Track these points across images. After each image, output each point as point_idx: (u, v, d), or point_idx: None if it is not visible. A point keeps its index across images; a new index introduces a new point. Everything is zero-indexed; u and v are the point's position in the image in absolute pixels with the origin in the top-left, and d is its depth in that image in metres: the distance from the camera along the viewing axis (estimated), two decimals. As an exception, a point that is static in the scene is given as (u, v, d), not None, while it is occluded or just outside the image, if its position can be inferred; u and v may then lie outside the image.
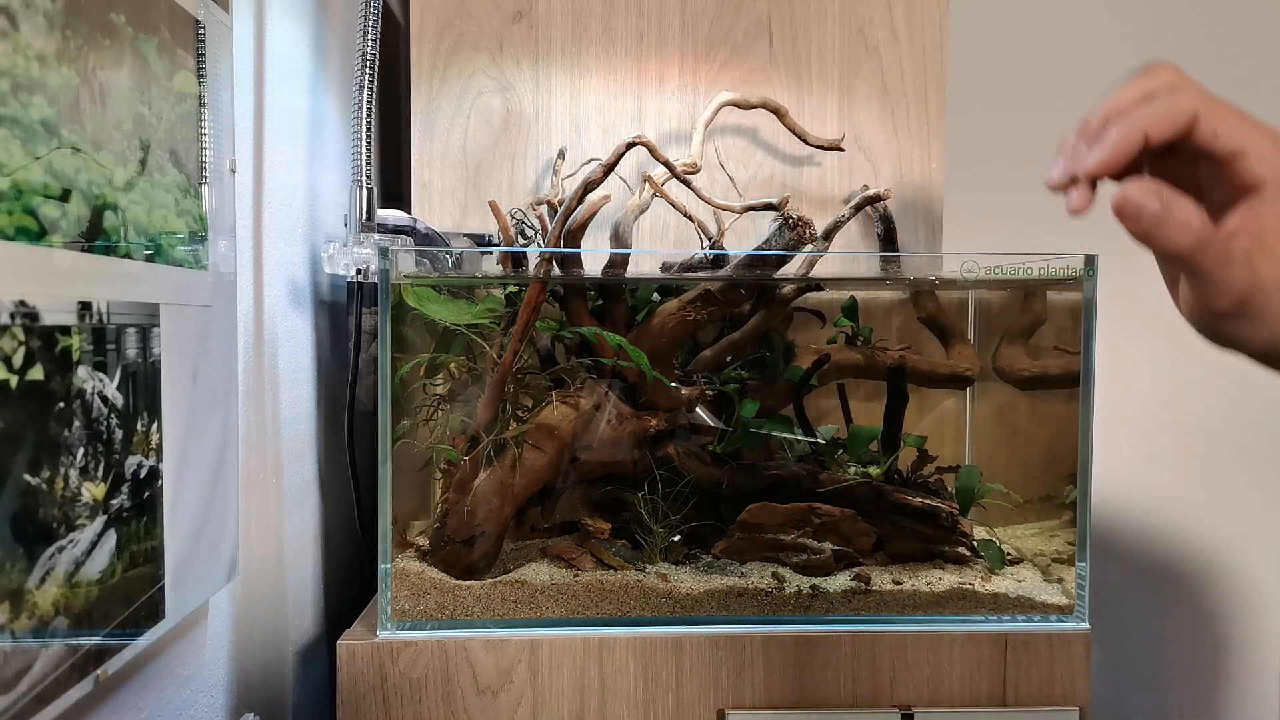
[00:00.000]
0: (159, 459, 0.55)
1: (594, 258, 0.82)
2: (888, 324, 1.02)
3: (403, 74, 1.03)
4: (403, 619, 0.77)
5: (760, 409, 0.89)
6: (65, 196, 0.45)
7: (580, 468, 0.86)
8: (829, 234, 0.88)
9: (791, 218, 0.78)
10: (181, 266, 0.58)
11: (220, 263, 0.64)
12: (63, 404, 0.45)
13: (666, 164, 0.83)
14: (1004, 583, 0.83)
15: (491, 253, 0.89)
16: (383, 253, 0.76)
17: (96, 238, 0.48)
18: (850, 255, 1.00)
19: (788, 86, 1.02)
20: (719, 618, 0.79)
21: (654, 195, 0.90)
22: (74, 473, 0.46)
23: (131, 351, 0.52)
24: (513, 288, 0.87)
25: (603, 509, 0.88)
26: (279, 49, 0.79)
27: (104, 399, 0.49)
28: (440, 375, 0.88)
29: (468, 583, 0.79)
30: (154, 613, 0.55)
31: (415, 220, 0.88)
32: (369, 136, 0.84)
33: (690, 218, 0.93)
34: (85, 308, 0.47)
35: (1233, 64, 1.24)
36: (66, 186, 0.45)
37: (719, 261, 0.83)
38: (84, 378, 0.47)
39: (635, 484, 0.86)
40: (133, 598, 0.53)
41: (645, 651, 0.76)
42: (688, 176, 0.85)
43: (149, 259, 0.54)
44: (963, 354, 0.98)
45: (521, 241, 0.94)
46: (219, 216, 0.64)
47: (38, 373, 0.43)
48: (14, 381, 0.41)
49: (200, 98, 0.61)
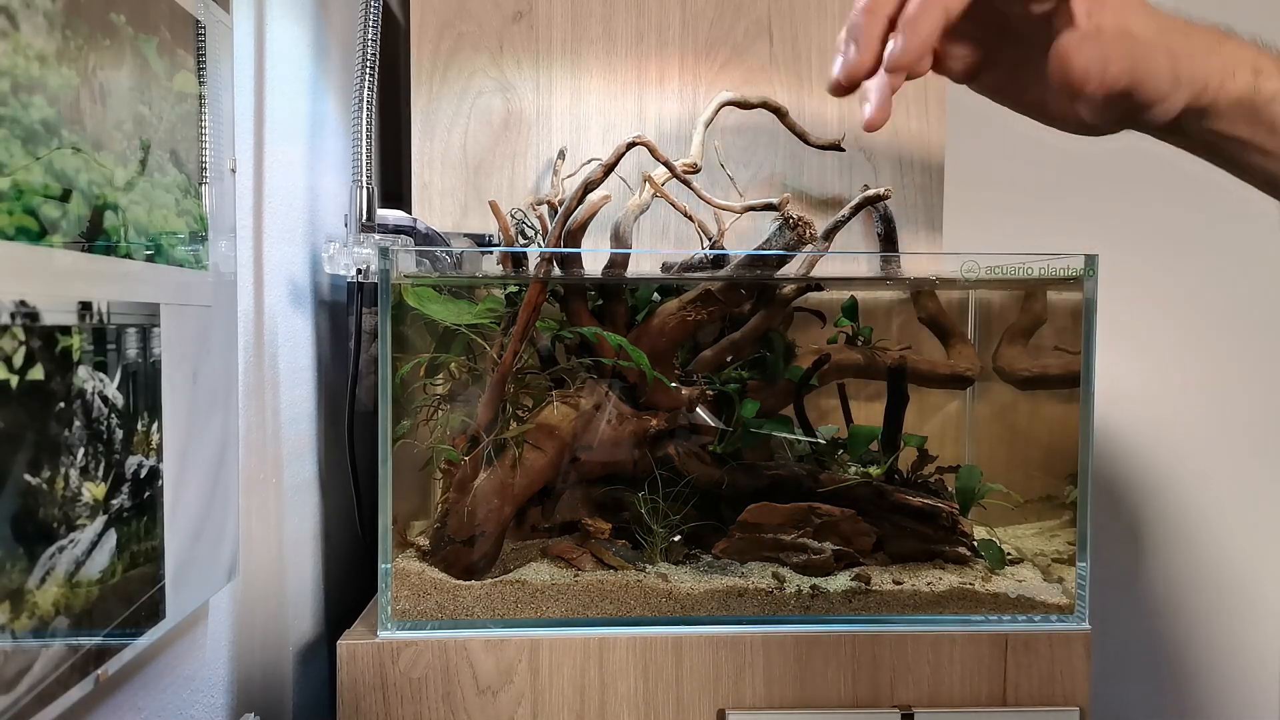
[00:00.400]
0: (159, 459, 0.55)
1: (594, 258, 0.82)
2: (888, 324, 1.02)
3: (403, 74, 1.03)
4: (403, 619, 0.77)
5: (760, 409, 0.89)
6: (65, 196, 0.45)
7: (580, 468, 0.86)
8: (829, 234, 0.88)
9: (791, 218, 0.78)
10: (182, 266, 0.58)
11: (220, 263, 0.64)
12: (63, 404, 0.45)
13: (667, 164, 0.83)
14: (1004, 583, 0.83)
15: (491, 253, 0.89)
16: (383, 253, 0.76)
17: (97, 238, 0.48)
18: (850, 255, 1.00)
19: (788, 86, 1.02)
20: (719, 618, 0.79)
21: (654, 195, 0.90)
22: (74, 473, 0.46)
23: (132, 351, 0.52)
24: (513, 288, 0.87)
25: (603, 509, 0.88)
26: (279, 49, 0.79)
27: (104, 399, 0.49)
28: (440, 375, 0.88)
29: (468, 583, 0.79)
30: (154, 613, 0.55)
31: (415, 220, 0.88)
32: (369, 136, 0.84)
33: (690, 218, 0.93)
34: (85, 308, 0.47)
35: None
36: (67, 186, 0.45)
37: (719, 261, 0.83)
38: (84, 378, 0.47)
39: (635, 484, 0.86)
40: (133, 598, 0.53)
41: (645, 651, 0.76)
42: (688, 176, 0.85)
43: (149, 259, 0.54)
44: (963, 354, 0.98)
45: (521, 241, 0.94)
46: (219, 216, 0.64)
47: (38, 373, 0.43)
48: (14, 381, 0.41)
49: (200, 98, 0.61)
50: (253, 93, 0.73)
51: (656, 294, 0.90)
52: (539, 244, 0.94)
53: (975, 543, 0.88)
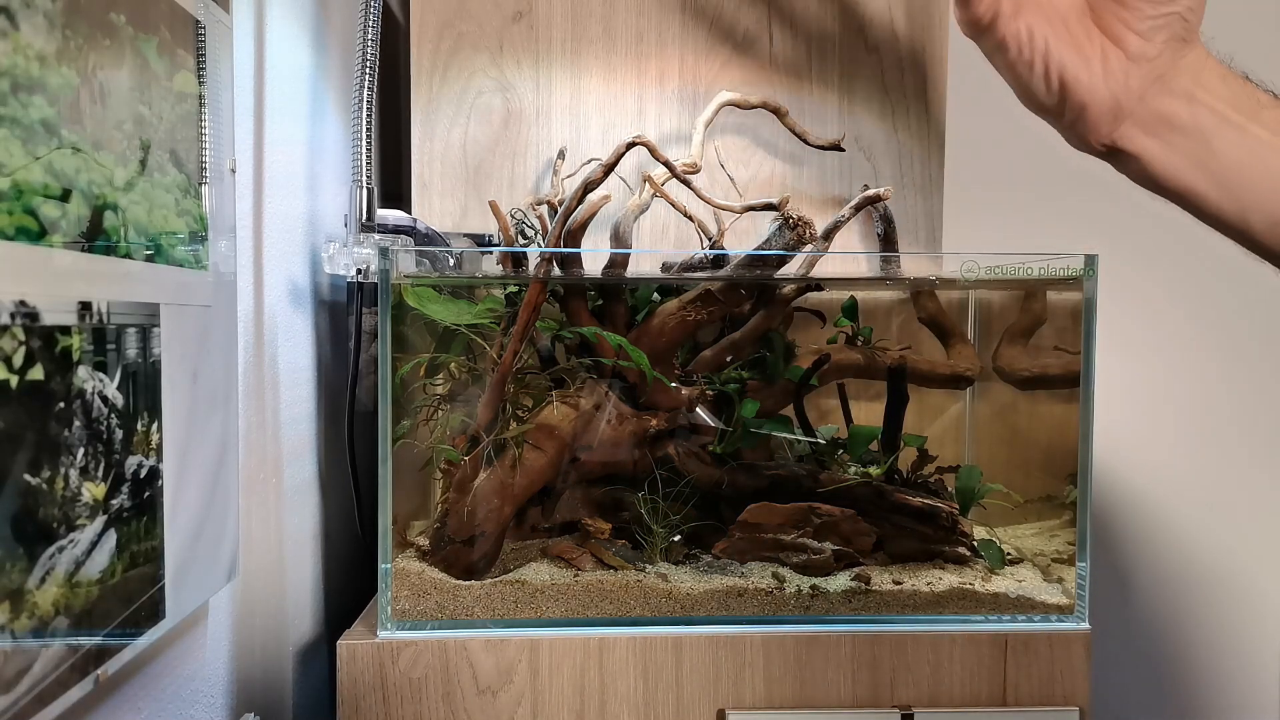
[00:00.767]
0: (159, 459, 0.55)
1: (594, 258, 0.82)
2: (888, 324, 1.02)
3: (403, 74, 1.03)
4: (403, 619, 0.77)
5: (760, 409, 0.89)
6: (65, 196, 0.45)
7: (580, 468, 0.86)
8: (829, 234, 0.88)
9: (791, 218, 0.78)
10: (181, 266, 0.58)
11: (220, 263, 0.64)
12: (63, 404, 0.45)
13: (666, 164, 0.83)
14: (1004, 583, 0.83)
15: (491, 253, 0.89)
16: (383, 253, 0.76)
17: (96, 238, 0.48)
18: (850, 255, 1.00)
19: (788, 86, 1.02)
20: (719, 618, 0.79)
21: (654, 195, 0.90)
22: (74, 473, 0.46)
23: (131, 351, 0.52)
24: (513, 288, 0.87)
25: (603, 509, 0.88)
26: (279, 49, 0.79)
27: (104, 399, 0.49)
28: (440, 375, 0.88)
29: (468, 583, 0.79)
30: (154, 613, 0.55)
31: (415, 220, 0.88)
32: (369, 136, 0.84)
33: (690, 218, 0.93)
34: (85, 308, 0.47)
35: (1233, 63, 1.24)
36: (66, 186, 0.45)
37: (719, 261, 0.83)
38: (84, 378, 0.47)
39: (635, 484, 0.86)
40: (133, 598, 0.53)
41: (645, 651, 0.76)
42: (688, 176, 0.85)
43: (149, 259, 0.54)
44: (963, 354, 0.98)
45: (521, 241, 0.94)
46: (219, 216, 0.64)
47: (38, 373, 0.43)
48: (14, 381, 0.41)
49: (200, 98, 0.61)
50: (253, 93, 0.73)
51: (656, 294, 0.90)
52: (539, 244, 0.94)
53: (975, 543, 0.88)
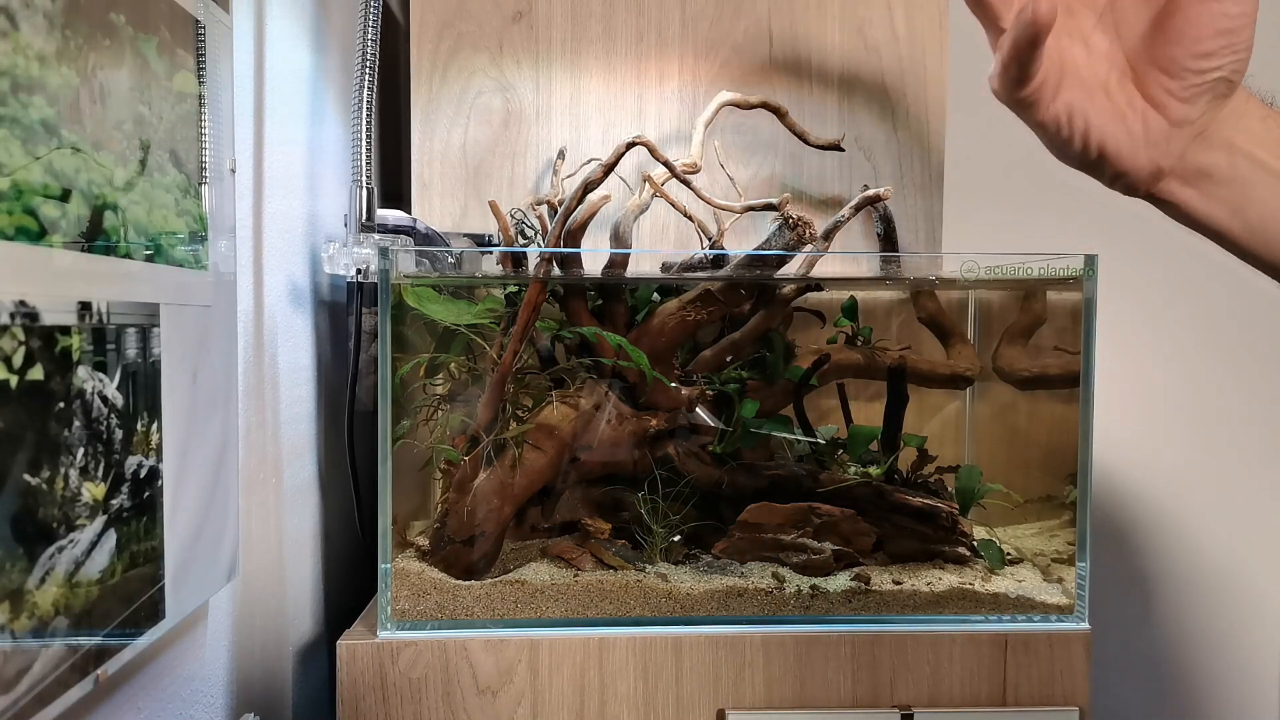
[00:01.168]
0: (159, 459, 0.55)
1: (594, 258, 0.82)
2: (888, 324, 1.02)
3: (403, 74, 1.03)
4: (403, 619, 0.77)
5: (760, 409, 0.89)
6: (65, 196, 0.45)
7: (580, 468, 0.86)
8: (829, 234, 0.88)
9: (791, 218, 0.78)
10: (181, 266, 0.58)
11: (220, 263, 0.64)
12: (63, 404, 0.45)
13: (666, 164, 0.83)
14: (1004, 583, 0.83)
15: (491, 253, 0.89)
16: (383, 253, 0.76)
17: (96, 238, 0.48)
18: (850, 255, 1.00)
19: (788, 86, 1.02)
20: (719, 618, 0.79)
21: (654, 195, 0.90)
22: (74, 473, 0.46)
23: (131, 351, 0.52)
24: (513, 288, 0.87)
25: (603, 509, 0.88)
26: (279, 49, 0.79)
27: (104, 399, 0.49)
28: (440, 375, 0.88)
29: (468, 583, 0.79)
30: (154, 613, 0.55)
31: (415, 220, 0.88)
32: (369, 136, 0.84)
33: (690, 218, 0.93)
34: (85, 308, 0.47)
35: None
36: (66, 186, 0.45)
37: (719, 261, 0.83)
38: (84, 378, 0.47)
39: (635, 484, 0.86)
40: (133, 598, 0.53)
41: (645, 651, 0.76)
42: (688, 176, 0.85)
43: (149, 259, 0.54)
44: (963, 354, 0.98)
45: (521, 241, 0.94)
46: (219, 216, 0.64)
47: (38, 373, 0.43)
48: (14, 381, 0.41)
49: (200, 98, 0.61)
50: (252, 92, 0.73)
51: (656, 294, 0.90)
52: (539, 244, 0.94)
53: (975, 543, 0.88)
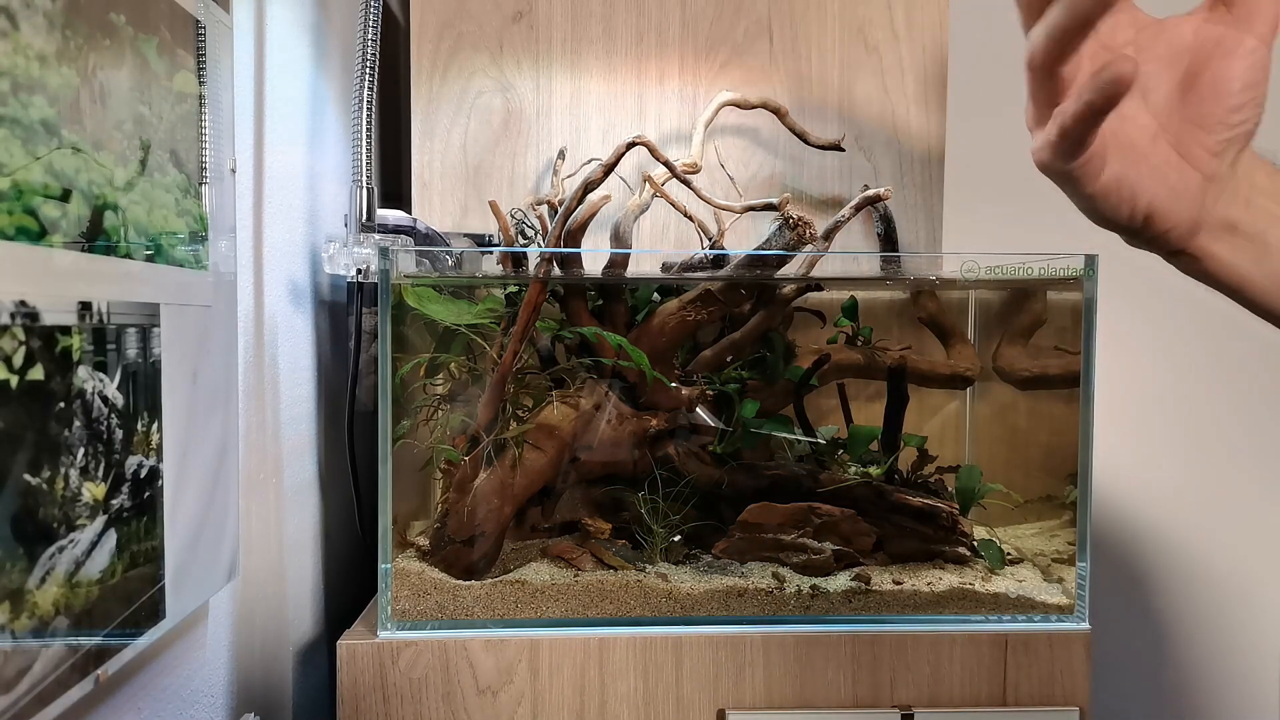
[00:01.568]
0: (159, 459, 0.55)
1: (594, 258, 0.82)
2: (888, 324, 1.02)
3: (403, 74, 1.03)
4: (403, 619, 0.77)
5: (760, 409, 0.89)
6: (65, 196, 0.45)
7: (580, 468, 0.86)
8: (829, 234, 0.88)
9: (791, 218, 0.78)
10: (182, 266, 0.58)
11: (220, 263, 0.64)
12: (63, 404, 0.45)
13: (667, 164, 0.83)
14: (1004, 583, 0.83)
15: (491, 253, 0.89)
16: (383, 253, 0.76)
17: (97, 238, 0.48)
18: (850, 255, 1.00)
19: (788, 86, 1.02)
20: (719, 618, 0.79)
21: (654, 195, 0.90)
22: (74, 473, 0.46)
23: (132, 351, 0.52)
24: (513, 288, 0.87)
25: (603, 509, 0.88)
26: (279, 49, 0.79)
27: (104, 399, 0.49)
28: (440, 375, 0.88)
29: (468, 583, 0.79)
30: (154, 613, 0.55)
31: (415, 220, 0.88)
32: (369, 136, 0.84)
33: (690, 218, 0.93)
34: (85, 308, 0.47)
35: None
36: (67, 186, 0.45)
37: (719, 261, 0.83)
38: (84, 378, 0.47)
39: (635, 484, 0.86)
40: (133, 598, 0.53)
41: (645, 651, 0.76)
42: (688, 176, 0.85)
43: (149, 259, 0.54)
44: (963, 354, 0.98)
45: (521, 241, 0.94)
46: (219, 216, 0.64)
47: (38, 373, 0.43)
48: (14, 381, 0.41)
49: (200, 98, 0.61)
50: (253, 93, 0.73)
51: (656, 294, 0.90)
52: (539, 244, 0.94)
53: (975, 543, 0.88)
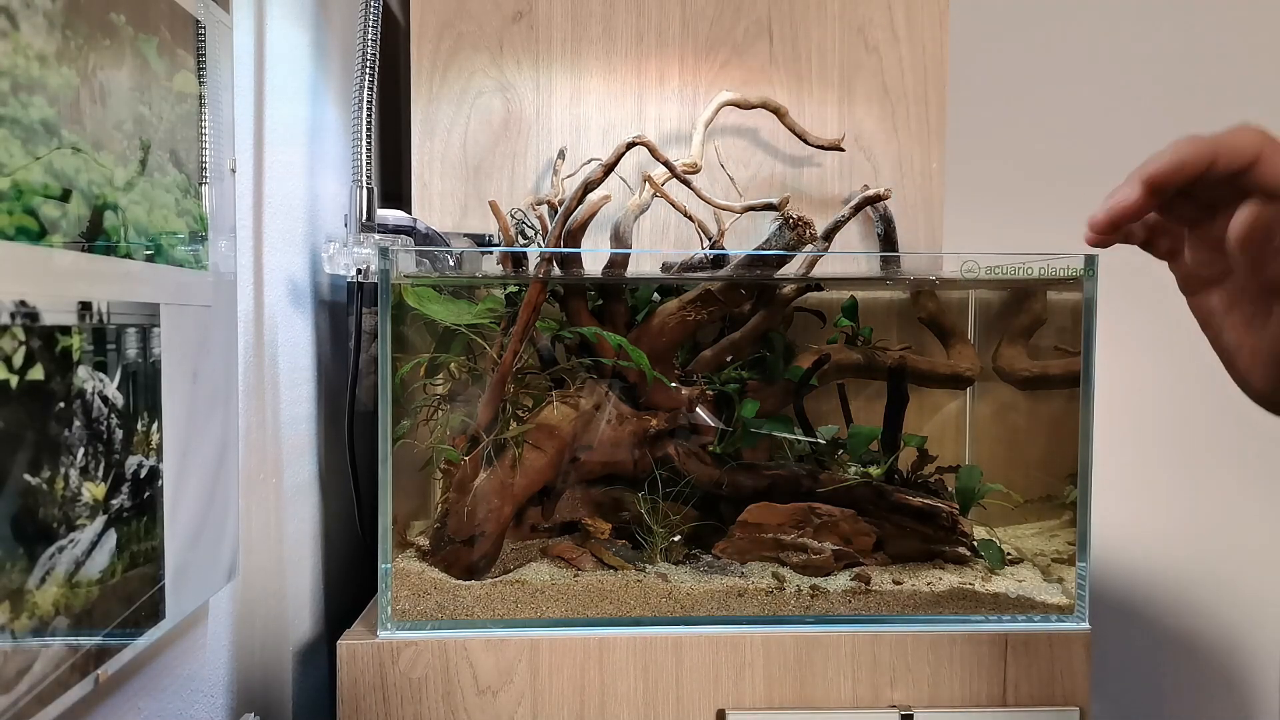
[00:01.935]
0: (159, 459, 0.55)
1: (594, 258, 0.82)
2: (888, 324, 1.02)
3: (403, 74, 1.03)
4: (403, 619, 0.77)
5: (760, 409, 0.89)
6: (65, 196, 0.45)
7: (580, 468, 0.86)
8: (829, 234, 0.88)
9: (791, 218, 0.78)
10: (182, 266, 0.58)
11: (220, 263, 0.64)
12: (63, 404, 0.45)
13: (667, 164, 0.83)
14: (1004, 583, 0.83)
15: (491, 253, 0.89)
16: (383, 253, 0.76)
17: (97, 238, 0.48)
18: (850, 255, 1.00)
19: (788, 86, 1.02)
20: (719, 618, 0.79)
21: (654, 195, 0.90)
22: (74, 473, 0.46)
23: (132, 351, 0.52)
24: (513, 288, 0.87)
25: (603, 509, 0.88)
26: (279, 49, 0.79)
27: (104, 399, 0.49)
28: (440, 375, 0.88)
29: (468, 583, 0.79)
30: (154, 613, 0.55)
31: (415, 220, 0.88)
32: (369, 136, 0.84)
33: (690, 218, 0.93)
34: (85, 308, 0.47)
35: (1232, 63, 1.24)
36: (67, 186, 0.45)
37: (719, 261, 0.83)
38: (84, 378, 0.47)
39: (635, 484, 0.86)
40: (133, 598, 0.53)
41: (645, 651, 0.76)
42: (688, 176, 0.85)
43: (149, 259, 0.54)
44: (963, 354, 0.98)
45: (521, 241, 0.94)
46: (219, 216, 0.64)
47: (38, 373, 0.43)
48: (14, 381, 0.41)
49: (200, 98, 0.61)
50: (253, 93, 0.73)
51: (656, 294, 0.90)
52: (539, 244, 0.94)
53: (975, 543, 0.88)
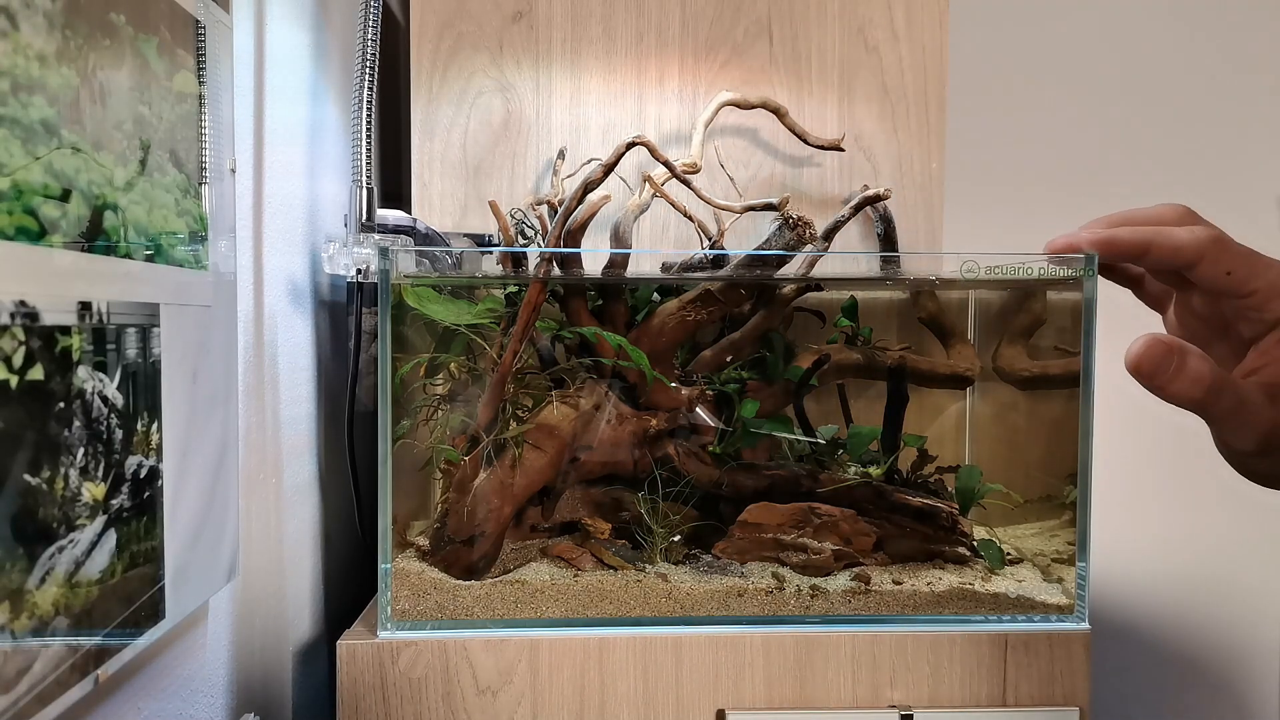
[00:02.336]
0: (159, 459, 0.55)
1: (594, 258, 0.82)
2: (888, 324, 1.02)
3: (403, 74, 1.03)
4: (403, 619, 0.77)
5: (760, 409, 0.89)
6: (65, 196, 0.45)
7: (580, 468, 0.86)
8: (829, 234, 0.88)
9: (791, 218, 0.78)
10: (181, 266, 0.58)
11: (220, 263, 0.64)
12: (63, 404, 0.45)
13: (666, 164, 0.83)
14: (1004, 583, 0.83)
15: (491, 253, 0.89)
16: (383, 253, 0.76)
17: (96, 238, 0.48)
18: (850, 255, 1.00)
19: (788, 86, 1.02)
20: (719, 618, 0.79)
21: (654, 195, 0.90)
22: (74, 473, 0.46)
23: (131, 351, 0.52)
24: (513, 288, 0.87)
25: (603, 509, 0.88)
26: (279, 49, 0.79)
27: (104, 399, 0.49)
28: (440, 375, 0.88)
29: (468, 583, 0.79)
30: (154, 613, 0.55)
31: (415, 220, 0.88)
32: (369, 136, 0.84)
33: (690, 218, 0.93)
34: (85, 308, 0.47)
35: (1232, 63, 1.24)
36: (66, 186, 0.45)
37: (719, 261, 0.83)
38: (84, 378, 0.47)
39: (635, 484, 0.86)
40: (133, 598, 0.53)
41: (645, 652, 0.76)
42: (688, 176, 0.85)
43: (149, 259, 0.54)
44: (963, 354, 0.98)
45: (521, 241, 0.94)
46: (219, 217, 0.64)
47: (38, 373, 0.43)
48: (14, 381, 0.41)
49: (200, 98, 0.61)
50: (252, 93, 0.73)
51: (656, 294, 0.90)
52: (539, 244, 0.94)
53: (975, 543, 0.88)
